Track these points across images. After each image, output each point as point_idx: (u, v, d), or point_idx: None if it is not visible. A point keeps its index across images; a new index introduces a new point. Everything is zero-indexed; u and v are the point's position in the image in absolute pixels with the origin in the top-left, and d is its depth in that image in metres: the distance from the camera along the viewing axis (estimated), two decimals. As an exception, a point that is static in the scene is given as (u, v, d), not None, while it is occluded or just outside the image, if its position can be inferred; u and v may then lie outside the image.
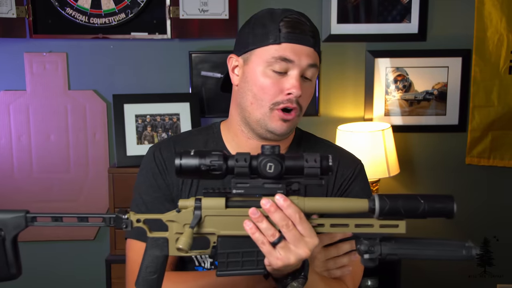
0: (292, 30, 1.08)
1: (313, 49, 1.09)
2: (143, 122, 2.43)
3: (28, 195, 2.55)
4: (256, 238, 0.86)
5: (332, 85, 2.57)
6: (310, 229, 0.86)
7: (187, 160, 0.84)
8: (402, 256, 0.84)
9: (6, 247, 0.87)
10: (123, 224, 0.87)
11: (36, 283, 2.68)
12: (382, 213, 0.83)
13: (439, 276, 2.70)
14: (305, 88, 1.10)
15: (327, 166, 0.84)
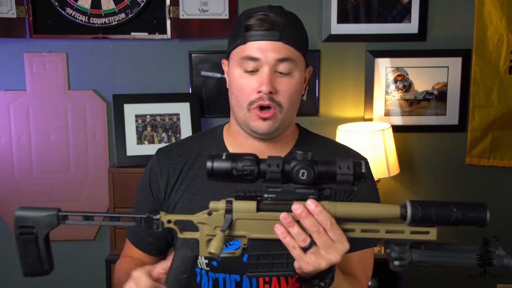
0: (256, 28, 1.07)
1: (281, 43, 1.06)
2: (143, 122, 2.43)
3: (28, 195, 2.55)
4: (287, 243, 0.86)
5: (332, 85, 2.57)
6: (341, 235, 0.86)
7: (218, 164, 0.84)
8: (433, 264, 0.83)
9: (39, 244, 0.89)
10: (154, 225, 0.88)
11: (36, 283, 2.68)
12: (413, 220, 0.82)
13: (439, 276, 2.70)
14: (280, 84, 1.09)
15: (360, 173, 0.84)
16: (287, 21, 1.08)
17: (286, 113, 1.12)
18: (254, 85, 1.08)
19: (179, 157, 1.22)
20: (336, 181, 0.84)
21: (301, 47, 1.11)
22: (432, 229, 0.84)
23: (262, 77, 1.08)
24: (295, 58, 1.09)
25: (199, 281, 1.20)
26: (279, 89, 1.09)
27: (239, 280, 1.16)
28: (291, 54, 1.08)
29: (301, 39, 1.11)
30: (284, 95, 1.09)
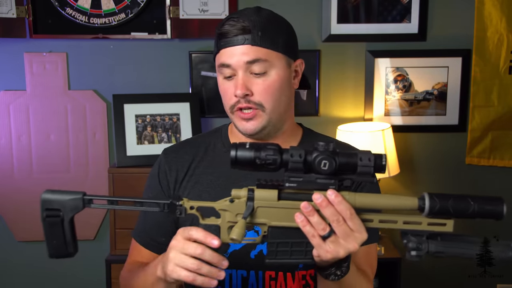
0: (224, 36, 1.11)
1: (249, 46, 1.09)
2: (143, 122, 2.43)
3: (28, 195, 2.55)
4: (306, 231, 0.88)
5: (332, 85, 2.57)
6: (360, 225, 0.88)
7: (242, 153, 0.86)
8: (449, 255, 0.85)
9: (64, 227, 0.91)
10: (177, 211, 0.90)
11: (36, 283, 2.68)
12: (431, 212, 0.84)
13: (439, 276, 2.70)
14: (256, 85, 1.11)
15: (381, 165, 0.86)
16: (256, 23, 1.10)
17: (272, 111, 1.13)
18: (232, 90, 1.12)
19: (186, 155, 1.24)
20: (357, 172, 0.86)
21: (275, 44, 1.12)
22: (449, 221, 0.86)
23: (236, 82, 1.11)
24: (267, 58, 1.10)
25: None
26: (255, 90, 1.11)
27: (245, 276, 1.16)
28: (261, 54, 1.10)
29: (274, 37, 1.12)
30: (262, 95, 1.11)
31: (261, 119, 1.13)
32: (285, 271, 1.16)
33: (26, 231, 2.60)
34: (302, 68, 1.21)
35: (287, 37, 1.16)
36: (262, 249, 1.16)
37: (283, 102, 1.15)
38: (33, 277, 2.67)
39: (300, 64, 1.20)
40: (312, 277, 1.17)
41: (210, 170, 1.21)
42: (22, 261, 2.66)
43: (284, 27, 1.16)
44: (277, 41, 1.12)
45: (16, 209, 2.58)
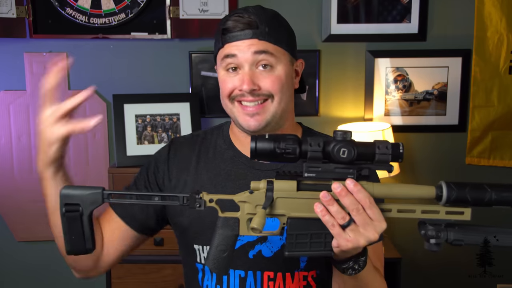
0: (229, 31, 1.11)
1: (256, 39, 1.09)
2: (143, 122, 2.43)
3: (28, 195, 2.55)
4: (326, 221, 0.88)
5: (332, 85, 2.57)
6: (379, 214, 0.88)
7: (262, 144, 0.87)
8: (468, 243, 0.85)
9: (83, 222, 0.91)
10: (196, 204, 0.91)
11: (36, 283, 2.68)
12: (449, 201, 0.85)
13: (439, 276, 2.70)
14: (263, 78, 1.11)
15: (398, 153, 0.87)
16: (262, 19, 1.10)
17: (279, 104, 1.13)
18: (236, 83, 1.11)
19: (189, 151, 1.24)
20: (375, 161, 0.87)
21: (280, 41, 1.12)
22: (467, 210, 0.87)
23: (242, 76, 1.10)
24: (273, 52, 1.10)
25: (201, 277, 1.20)
26: (263, 84, 1.11)
27: (243, 276, 1.16)
28: (268, 48, 1.10)
29: (279, 34, 1.12)
30: (271, 86, 1.11)
31: (268, 112, 1.12)
32: (284, 271, 1.15)
33: (26, 231, 2.60)
34: (302, 68, 1.21)
35: (290, 36, 1.16)
36: (261, 249, 1.16)
37: (288, 98, 1.15)
38: (33, 277, 2.67)
39: (300, 65, 1.21)
40: (314, 278, 1.17)
41: (210, 167, 1.21)
42: (22, 261, 2.66)
43: (287, 26, 1.17)
44: (282, 38, 1.13)
45: (16, 209, 2.58)
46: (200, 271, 1.20)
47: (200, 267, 1.20)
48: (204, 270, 1.20)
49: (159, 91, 2.52)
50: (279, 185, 0.90)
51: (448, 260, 2.68)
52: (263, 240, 1.16)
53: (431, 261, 2.68)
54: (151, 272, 2.30)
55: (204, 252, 1.18)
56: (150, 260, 2.27)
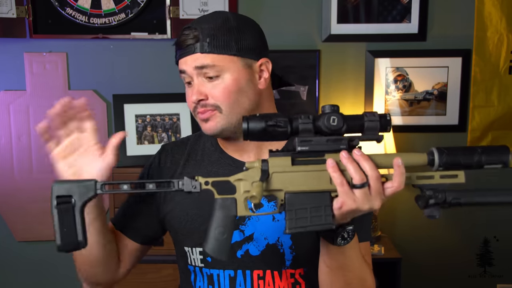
0: (178, 48, 1.17)
1: (198, 54, 1.13)
2: (143, 122, 2.43)
3: (28, 195, 2.55)
4: (335, 177, 0.89)
5: (332, 85, 2.57)
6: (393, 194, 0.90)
7: (253, 123, 0.89)
8: (467, 203, 0.86)
9: (75, 215, 0.89)
10: (192, 186, 0.90)
11: (36, 283, 2.68)
12: (441, 164, 0.87)
13: (439, 276, 2.70)
14: (210, 89, 1.14)
15: (386, 121, 0.88)
16: (205, 31, 1.12)
17: (230, 113, 1.14)
18: (190, 96, 1.18)
19: (177, 155, 1.27)
20: (364, 129, 0.88)
21: (226, 48, 1.13)
22: (460, 172, 0.89)
23: (192, 88, 1.17)
24: (216, 62, 1.12)
25: (194, 279, 1.21)
26: (210, 94, 1.14)
27: (233, 276, 1.17)
28: (209, 60, 1.12)
29: (225, 42, 1.13)
30: (217, 97, 1.13)
31: (218, 119, 1.14)
32: (272, 269, 1.16)
33: (26, 231, 2.60)
34: (268, 66, 1.19)
35: (244, 39, 1.14)
36: (248, 248, 1.17)
37: (243, 104, 1.15)
38: (33, 277, 2.67)
39: (266, 63, 1.18)
40: (302, 275, 1.18)
41: (198, 169, 1.23)
42: (22, 261, 2.66)
43: (242, 29, 1.15)
44: (229, 45, 1.13)
45: (16, 209, 2.58)
46: (192, 272, 1.22)
47: (192, 269, 1.22)
48: (195, 271, 1.21)
49: (159, 91, 2.52)
50: (273, 161, 0.91)
51: (448, 260, 2.68)
52: (250, 239, 1.17)
53: (431, 261, 2.68)
54: (151, 272, 2.30)
55: (194, 254, 1.19)
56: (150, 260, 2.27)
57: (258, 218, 1.17)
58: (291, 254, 1.16)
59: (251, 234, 1.17)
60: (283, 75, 1.28)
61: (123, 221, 1.25)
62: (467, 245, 2.68)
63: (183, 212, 1.20)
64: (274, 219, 1.17)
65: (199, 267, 1.19)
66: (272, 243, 1.16)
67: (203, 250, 0.95)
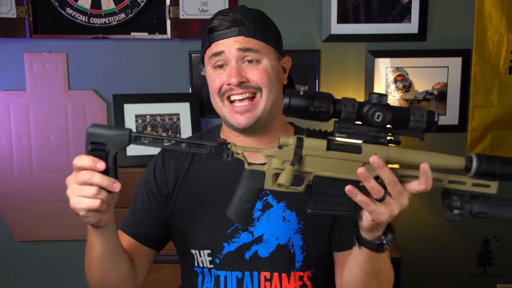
0: (215, 30, 1.13)
1: (242, 37, 1.11)
2: (143, 122, 2.43)
3: (28, 195, 2.55)
4: (359, 200, 0.88)
5: (332, 85, 2.57)
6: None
7: (296, 100, 0.85)
8: (492, 216, 0.84)
9: (108, 162, 0.90)
10: (224, 154, 0.89)
11: (36, 283, 2.68)
12: (478, 173, 0.85)
13: (439, 276, 2.70)
14: (250, 71, 1.12)
15: (433, 121, 0.87)
16: (247, 17, 1.12)
17: (268, 98, 1.14)
18: (224, 79, 1.14)
19: (181, 156, 1.25)
20: (408, 127, 0.86)
21: (266, 37, 1.14)
22: (493, 183, 0.86)
23: (230, 70, 1.13)
24: (259, 48, 1.12)
25: (201, 280, 1.21)
26: (250, 76, 1.12)
27: (240, 277, 1.17)
28: (254, 44, 1.12)
29: (265, 31, 1.14)
30: (258, 79, 1.12)
31: (258, 108, 1.13)
32: (280, 272, 1.16)
33: (26, 231, 2.60)
34: (289, 65, 1.22)
35: (276, 35, 1.18)
36: (257, 250, 1.16)
37: (276, 92, 1.16)
38: (33, 277, 2.67)
39: (287, 62, 1.22)
40: (310, 278, 1.17)
41: (203, 171, 1.22)
42: (22, 261, 2.65)
43: (273, 25, 1.19)
44: (269, 35, 1.15)
45: (16, 209, 2.58)
46: (200, 274, 1.21)
47: (199, 270, 1.21)
48: (203, 273, 1.20)
49: (159, 91, 2.52)
50: (308, 142, 0.88)
51: (448, 260, 2.68)
52: (259, 241, 1.16)
53: (431, 261, 2.68)
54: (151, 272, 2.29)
55: (202, 256, 1.19)
56: (150, 260, 2.27)
57: (268, 219, 1.16)
58: (302, 254, 1.16)
59: (260, 235, 1.16)
60: (292, 76, 1.29)
61: (133, 227, 1.24)
62: (467, 245, 2.68)
63: (189, 213, 1.20)
64: (284, 219, 1.16)
65: (207, 268, 1.19)
66: (283, 244, 1.16)
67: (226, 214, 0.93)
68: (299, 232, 1.16)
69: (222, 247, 1.17)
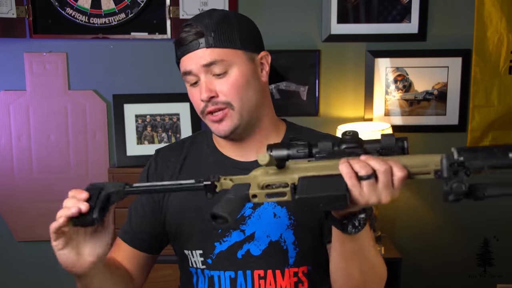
0: (180, 44, 1.13)
1: (204, 49, 1.10)
2: (143, 122, 2.43)
3: (28, 195, 2.55)
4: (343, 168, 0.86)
5: (332, 85, 2.57)
6: (401, 184, 0.89)
7: (277, 152, 0.89)
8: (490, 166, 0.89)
9: (100, 195, 0.94)
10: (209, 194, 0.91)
11: (36, 283, 2.68)
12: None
13: (439, 276, 2.70)
14: (219, 85, 1.12)
15: (403, 148, 0.90)
16: (207, 26, 1.10)
17: (241, 108, 1.13)
18: (198, 95, 1.14)
19: (173, 158, 1.26)
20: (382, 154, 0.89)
21: (230, 42, 1.12)
22: None
23: (200, 87, 1.13)
24: (224, 57, 1.11)
25: (196, 281, 1.21)
26: (220, 90, 1.12)
27: (233, 277, 1.17)
28: (217, 55, 1.10)
29: (228, 35, 1.12)
30: (227, 94, 1.11)
31: (232, 117, 1.13)
32: (274, 268, 1.16)
33: (26, 231, 2.60)
34: (268, 59, 1.19)
35: (245, 32, 1.15)
36: (249, 248, 1.16)
37: (251, 97, 1.14)
38: (33, 277, 2.67)
39: (266, 56, 1.19)
40: (305, 273, 1.17)
41: (196, 171, 1.21)
42: (22, 261, 2.66)
43: (240, 23, 1.15)
44: (233, 39, 1.12)
45: (16, 209, 2.58)
46: (194, 274, 1.22)
47: (193, 271, 1.21)
48: (197, 273, 1.20)
49: (159, 91, 2.52)
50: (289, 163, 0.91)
51: (448, 260, 2.68)
52: (250, 239, 1.16)
53: (431, 261, 2.68)
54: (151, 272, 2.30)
55: (194, 256, 1.19)
56: (150, 260, 2.27)
57: (259, 216, 1.17)
58: (295, 250, 1.16)
59: (252, 233, 1.16)
60: (278, 68, 1.27)
61: (130, 233, 1.25)
62: (467, 245, 2.68)
63: (180, 215, 1.20)
64: (275, 215, 1.16)
65: (200, 269, 1.19)
66: (275, 240, 1.16)
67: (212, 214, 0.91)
68: (291, 228, 1.16)
69: (213, 246, 1.17)
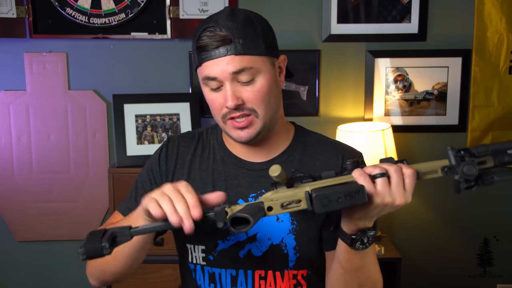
0: (203, 49, 1.08)
1: (233, 56, 1.06)
2: (143, 122, 2.43)
3: (28, 195, 2.55)
4: (356, 172, 0.90)
5: (332, 85, 2.57)
6: (412, 188, 0.93)
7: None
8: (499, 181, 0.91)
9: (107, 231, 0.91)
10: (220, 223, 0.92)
11: (36, 283, 2.68)
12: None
13: (439, 276, 2.70)
14: (246, 93, 1.09)
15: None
16: (234, 32, 1.06)
17: (265, 116, 1.12)
18: (221, 101, 1.10)
19: (184, 148, 1.26)
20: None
21: (256, 49, 1.09)
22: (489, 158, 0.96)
23: (225, 94, 1.09)
24: (252, 64, 1.08)
25: (195, 276, 1.22)
26: (246, 98, 1.09)
27: (234, 275, 1.17)
28: (246, 62, 1.07)
29: (255, 41, 1.09)
30: (254, 102, 1.10)
31: (256, 125, 1.12)
32: (274, 270, 1.17)
33: (26, 231, 2.60)
34: (285, 63, 1.19)
35: (267, 37, 1.12)
36: (250, 248, 1.17)
37: (274, 105, 1.14)
38: (33, 277, 2.67)
39: (283, 60, 1.18)
40: (304, 277, 1.18)
41: (204, 166, 1.22)
42: (22, 261, 2.66)
43: (261, 27, 1.12)
44: (259, 45, 1.09)
45: (16, 209, 2.58)
46: (192, 271, 1.22)
47: (192, 267, 1.22)
48: (196, 269, 1.21)
49: (159, 91, 2.52)
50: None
51: (448, 260, 2.68)
52: (252, 240, 1.17)
53: (431, 261, 2.68)
54: (151, 272, 2.30)
55: (196, 251, 1.20)
56: (150, 260, 2.27)
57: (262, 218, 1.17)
58: (295, 255, 1.16)
59: (254, 234, 1.17)
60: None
61: (132, 207, 1.22)
62: (467, 245, 2.68)
63: None
64: (278, 219, 1.17)
65: (200, 265, 1.20)
66: (276, 244, 1.16)
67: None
68: (292, 232, 1.16)
69: (216, 243, 1.17)
